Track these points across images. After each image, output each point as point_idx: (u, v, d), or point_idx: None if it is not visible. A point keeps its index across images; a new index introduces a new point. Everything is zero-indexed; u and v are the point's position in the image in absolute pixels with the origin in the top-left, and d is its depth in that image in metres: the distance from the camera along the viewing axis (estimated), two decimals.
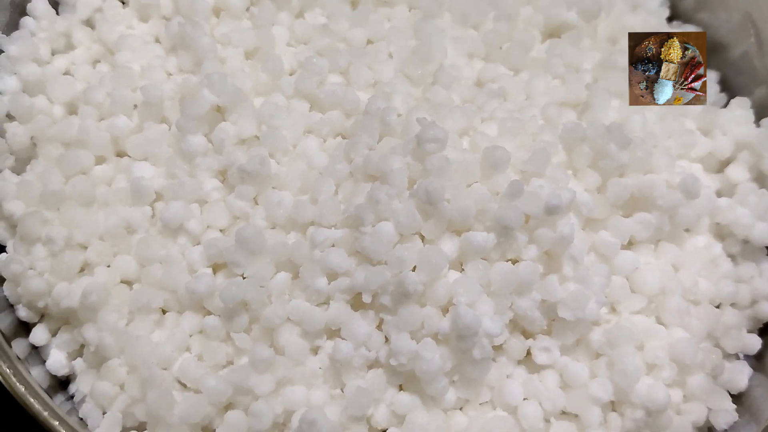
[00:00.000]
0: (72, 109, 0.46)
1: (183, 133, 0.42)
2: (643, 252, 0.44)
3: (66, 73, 0.48)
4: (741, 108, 0.48)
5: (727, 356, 0.44)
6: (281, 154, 0.43)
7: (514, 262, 0.39)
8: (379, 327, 0.39)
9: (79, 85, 0.46)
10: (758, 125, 0.48)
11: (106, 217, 0.42)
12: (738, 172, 0.46)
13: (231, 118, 0.43)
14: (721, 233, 0.46)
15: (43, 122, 0.45)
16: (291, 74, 0.46)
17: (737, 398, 0.43)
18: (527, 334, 0.41)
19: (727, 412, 0.41)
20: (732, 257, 0.46)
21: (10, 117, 0.45)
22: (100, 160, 0.45)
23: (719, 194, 0.46)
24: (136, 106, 0.45)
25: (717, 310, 0.44)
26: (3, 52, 0.46)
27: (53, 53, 0.48)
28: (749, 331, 0.44)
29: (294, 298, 0.40)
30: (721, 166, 0.47)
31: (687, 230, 0.46)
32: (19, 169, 0.45)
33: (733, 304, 0.45)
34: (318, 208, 0.40)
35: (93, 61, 0.48)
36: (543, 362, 0.40)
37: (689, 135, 0.46)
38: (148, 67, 0.46)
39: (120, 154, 0.45)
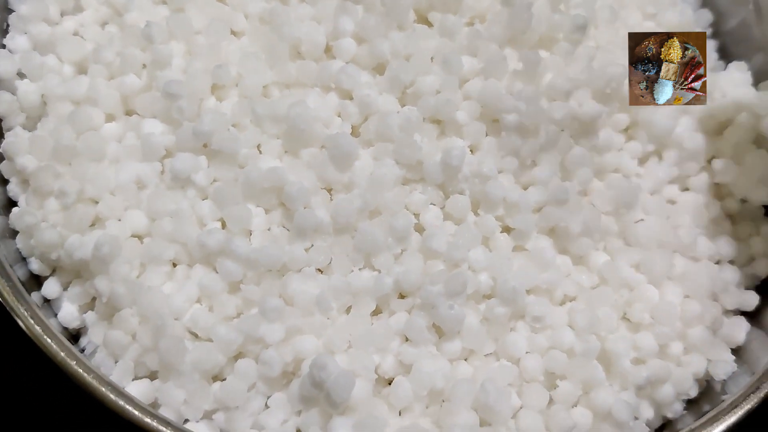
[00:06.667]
0: (82, 69, 0.47)
1: None
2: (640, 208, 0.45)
3: (75, 34, 0.48)
4: (739, 71, 0.48)
5: (726, 312, 0.45)
6: None
7: None
8: None
9: (88, 45, 0.47)
10: (757, 89, 0.49)
11: (117, 173, 0.43)
12: (736, 134, 0.47)
13: None
14: (720, 193, 0.47)
15: (54, 81, 0.45)
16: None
17: (735, 352, 0.44)
18: None
19: (726, 363, 0.42)
20: (731, 216, 0.47)
21: (21, 75, 0.46)
22: (109, 118, 0.45)
23: (718, 155, 0.47)
24: (145, 65, 0.46)
25: (716, 266, 0.45)
26: (14, 11, 0.47)
27: (62, 14, 0.48)
28: (747, 288, 0.45)
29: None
30: (721, 128, 0.48)
31: (686, 189, 0.47)
32: (29, 127, 0.45)
33: (731, 262, 0.46)
34: None
35: (102, 22, 0.49)
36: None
37: None
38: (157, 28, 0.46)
39: (129, 113, 0.46)
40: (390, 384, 0.40)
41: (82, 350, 0.43)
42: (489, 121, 0.44)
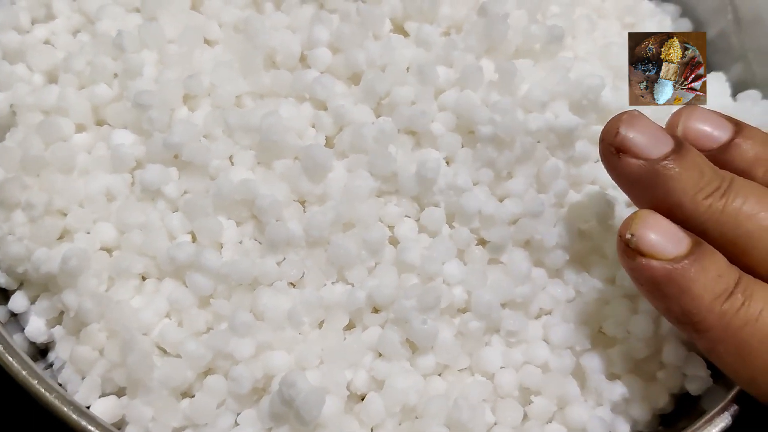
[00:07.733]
0: (52, 78, 0.46)
1: None
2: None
3: (46, 42, 0.47)
4: (717, 81, 0.48)
5: None
6: None
7: None
8: None
9: (59, 54, 0.46)
10: (735, 100, 0.48)
11: (86, 184, 0.42)
12: None
13: None
14: None
15: (23, 90, 0.44)
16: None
17: (711, 367, 0.43)
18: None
19: (701, 379, 0.42)
20: None
21: None
22: (80, 128, 0.44)
23: None
24: (116, 74, 0.45)
25: None
26: None
27: (33, 23, 0.48)
28: None
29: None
30: None
31: None
32: None
33: None
34: None
35: (73, 31, 0.48)
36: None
37: None
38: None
39: (100, 123, 0.45)
40: (362, 400, 0.40)
41: (51, 365, 0.42)
42: (464, 133, 0.43)
